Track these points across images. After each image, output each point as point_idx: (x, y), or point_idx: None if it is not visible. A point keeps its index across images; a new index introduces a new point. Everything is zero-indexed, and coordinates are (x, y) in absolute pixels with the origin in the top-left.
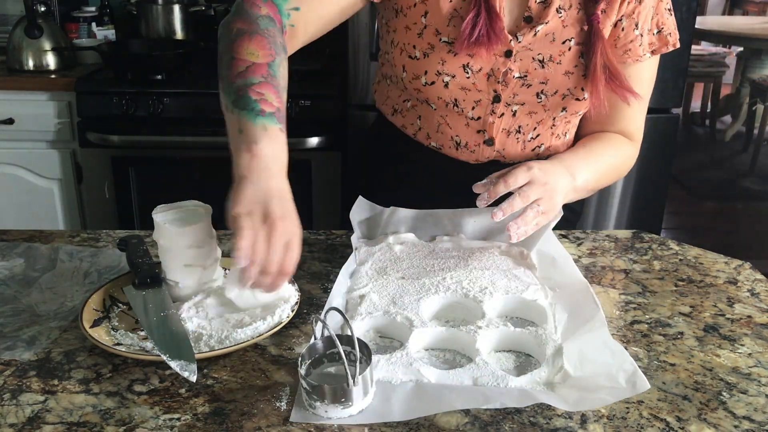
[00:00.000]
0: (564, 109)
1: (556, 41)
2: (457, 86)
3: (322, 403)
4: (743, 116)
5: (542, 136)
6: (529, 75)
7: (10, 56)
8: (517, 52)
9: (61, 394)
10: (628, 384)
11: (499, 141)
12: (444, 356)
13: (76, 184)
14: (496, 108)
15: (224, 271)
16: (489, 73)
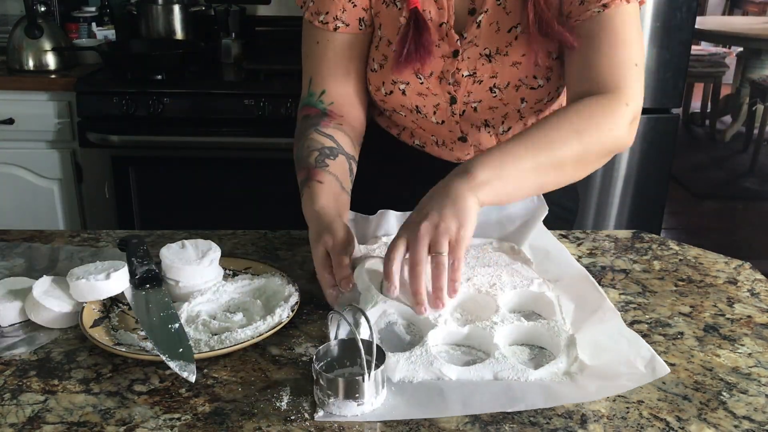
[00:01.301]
0: (523, 100)
1: (501, 30)
2: (414, 93)
3: (335, 400)
4: (743, 116)
5: (514, 128)
6: (477, 72)
7: (10, 56)
8: (464, 51)
9: (61, 394)
10: (647, 369)
11: (472, 137)
12: (461, 351)
13: (76, 184)
14: (456, 108)
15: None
16: (440, 76)
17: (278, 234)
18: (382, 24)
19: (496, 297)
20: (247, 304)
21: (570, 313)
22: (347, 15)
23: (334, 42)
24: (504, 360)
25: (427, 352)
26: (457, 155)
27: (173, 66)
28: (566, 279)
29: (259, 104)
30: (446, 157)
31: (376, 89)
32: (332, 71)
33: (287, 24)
